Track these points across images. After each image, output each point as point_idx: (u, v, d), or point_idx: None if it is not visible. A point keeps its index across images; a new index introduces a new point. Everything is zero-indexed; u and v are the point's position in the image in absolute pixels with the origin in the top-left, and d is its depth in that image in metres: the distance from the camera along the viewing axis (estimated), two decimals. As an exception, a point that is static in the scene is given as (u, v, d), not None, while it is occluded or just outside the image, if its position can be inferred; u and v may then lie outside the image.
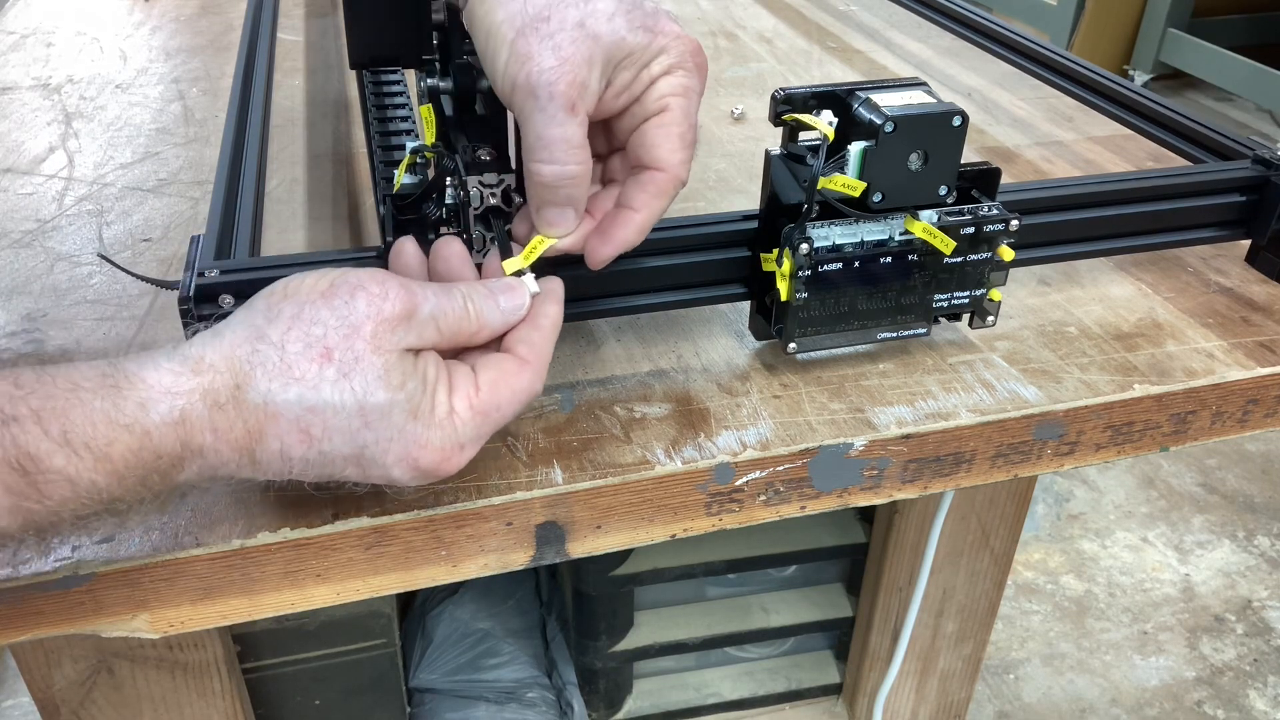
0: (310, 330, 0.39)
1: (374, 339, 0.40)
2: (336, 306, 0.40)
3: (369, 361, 0.39)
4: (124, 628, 0.45)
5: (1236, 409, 0.57)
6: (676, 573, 1.05)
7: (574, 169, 0.44)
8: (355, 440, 0.40)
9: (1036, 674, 1.55)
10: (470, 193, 0.49)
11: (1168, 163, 0.75)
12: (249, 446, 0.39)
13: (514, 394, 0.43)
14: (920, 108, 0.49)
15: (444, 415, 0.41)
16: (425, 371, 0.41)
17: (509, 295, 0.45)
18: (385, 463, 0.40)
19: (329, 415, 0.39)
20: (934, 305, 0.55)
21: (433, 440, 0.41)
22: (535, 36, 0.43)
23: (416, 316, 0.41)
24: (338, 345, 0.39)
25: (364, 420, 0.39)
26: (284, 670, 0.95)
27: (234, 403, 0.38)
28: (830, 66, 0.96)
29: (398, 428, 0.40)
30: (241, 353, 0.39)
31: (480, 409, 0.42)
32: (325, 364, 0.39)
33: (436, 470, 0.41)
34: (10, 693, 1.44)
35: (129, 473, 0.36)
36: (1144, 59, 3.13)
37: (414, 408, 0.40)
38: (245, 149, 0.65)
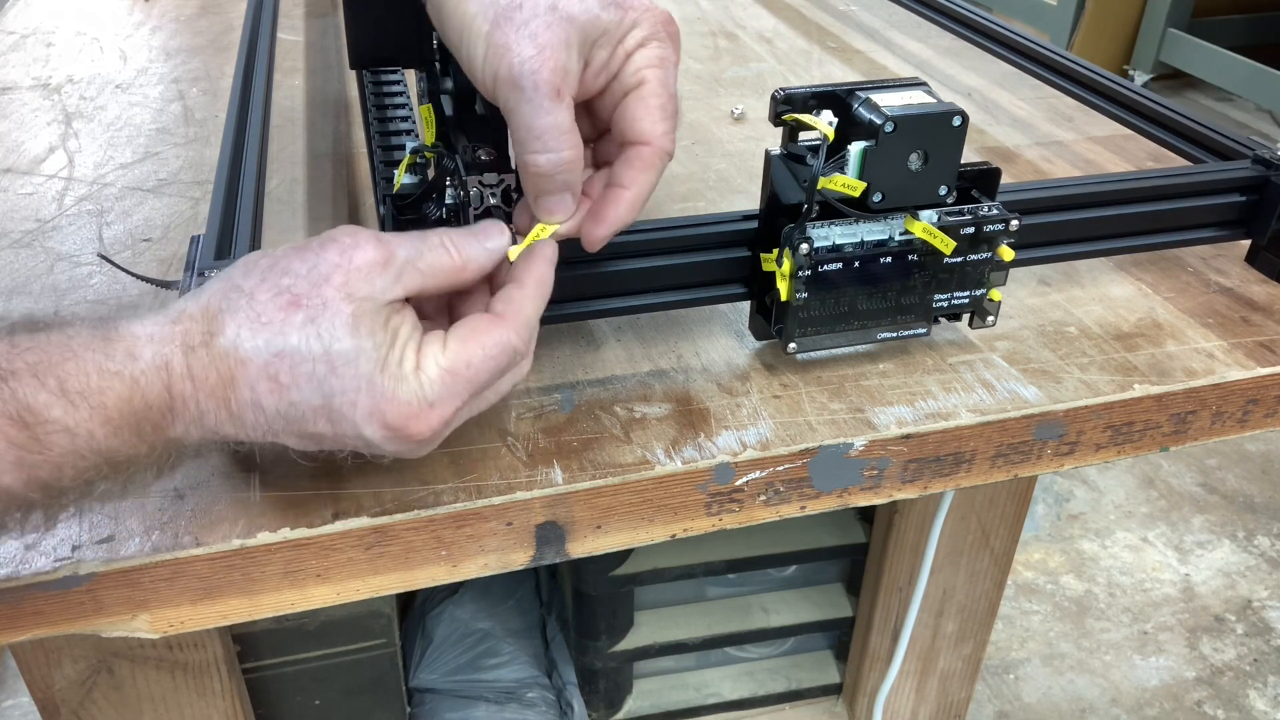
0: (280, 280, 0.40)
1: (344, 287, 0.40)
2: (307, 258, 0.41)
3: (336, 308, 0.40)
4: (124, 628, 0.45)
5: (1236, 409, 0.57)
6: (676, 573, 1.05)
7: (567, 154, 0.44)
8: (323, 388, 0.39)
9: (1036, 674, 1.55)
10: (470, 193, 0.49)
11: (1168, 163, 0.75)
12: (224, 395, 0.39)
13: (484, 350, 0.42)
14: (920, 108, 0.49)
15: (410, 370, 0.41)
16: (398, 328, 0.41)
17: (488, 232, 0.45)
18: (354, 418, 0.40)
19: (296, 361, 0.39)
20: (934, 305, 0.55)
21: (399, 393, 0.40)
22: (510, 26, 0.42)
23: (393, 263, 0.41)
24: (305, 293, 0.40)
25: (330, 366, 0.39)
26: (284, 670, 0.95)
27: (205, 347, 0.39)
28: (830, 66, 0.96)
29: (365, 377, 0.40)
30: (215, 301, 0.40)
31: (448, 366, 0.41)
32: (293, 311, 0.39)
33: (405, 428, 0.41)
34: (10, 693, 1.44)
35: (123, 421, 0.37)
36: (1144, 59, 3.13)
37: (381, 359, 0.40)
38: (245, 149, 0.65)
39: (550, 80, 0.43)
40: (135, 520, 0.45)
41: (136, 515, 0.45)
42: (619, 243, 0.52)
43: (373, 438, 0.41)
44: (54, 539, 0.44)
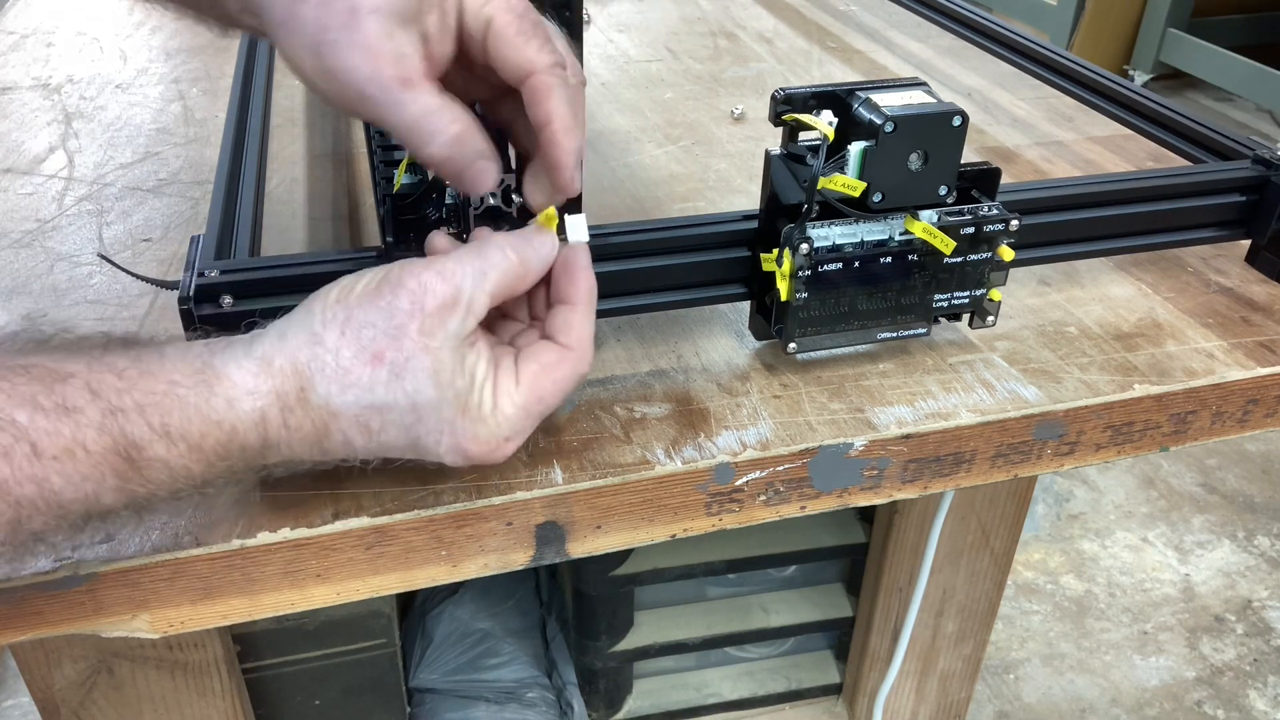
0: (360, 334, 0.41)
1: (421, 336, 0.41)
2: (382, 308, 0.42)
3: (419, 361, 0.41)
4: (124, 628, 0.45)
5: (1236, 409, 0.57)
6: (676, 573, 1.05)
7: (452, 129, 0.43)
8: (409, 433, 0.42)
9: (1036, 674, 1.55)
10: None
11: (1168, 163, 0.75)
12: (317, 440, 0.42)
13: (555, 384, 0.45)
14: (920, 108, 0.49)
15: (489, 411, 0.43)
16: (474, 368, 0.43)
17: (541, 238, 0.46)
18: (438, 452, 0.43)
19: (385, 412, 0.42)
20: (934, 305, 0.55)
21: (479, 434, 0.43)
22: (329, 47, 0.42)
23: (461, 299, 0.42)
24: (387, 348, 0.41)
25: (416, 416, 0.42)
26: (284, 670, 0.95)
27: (301, 405, 0.41)
28: (830, 66, 0.96)
29: (448, 421, 0.42)
30: (302, 357, 0.41)
31: (522, 404, 0.44)
32: (377, 367, 0.41)
33: (484, 460, 0.44)
34: (10, 693, 1.44)
35: (218, 460, 0.40)
36: (1144, 59, 3.13)
37: (462, 404, 0.42)
38: (245, 149, 0.65)
39: (393, 75, 0.42)
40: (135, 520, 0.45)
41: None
42: (619, 243, 0.52)
43: (452, 463, 0.44)
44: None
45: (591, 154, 0.78)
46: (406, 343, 0.41)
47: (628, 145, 0.81)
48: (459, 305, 0.42)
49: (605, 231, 0.53)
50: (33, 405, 0.36)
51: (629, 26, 1.07)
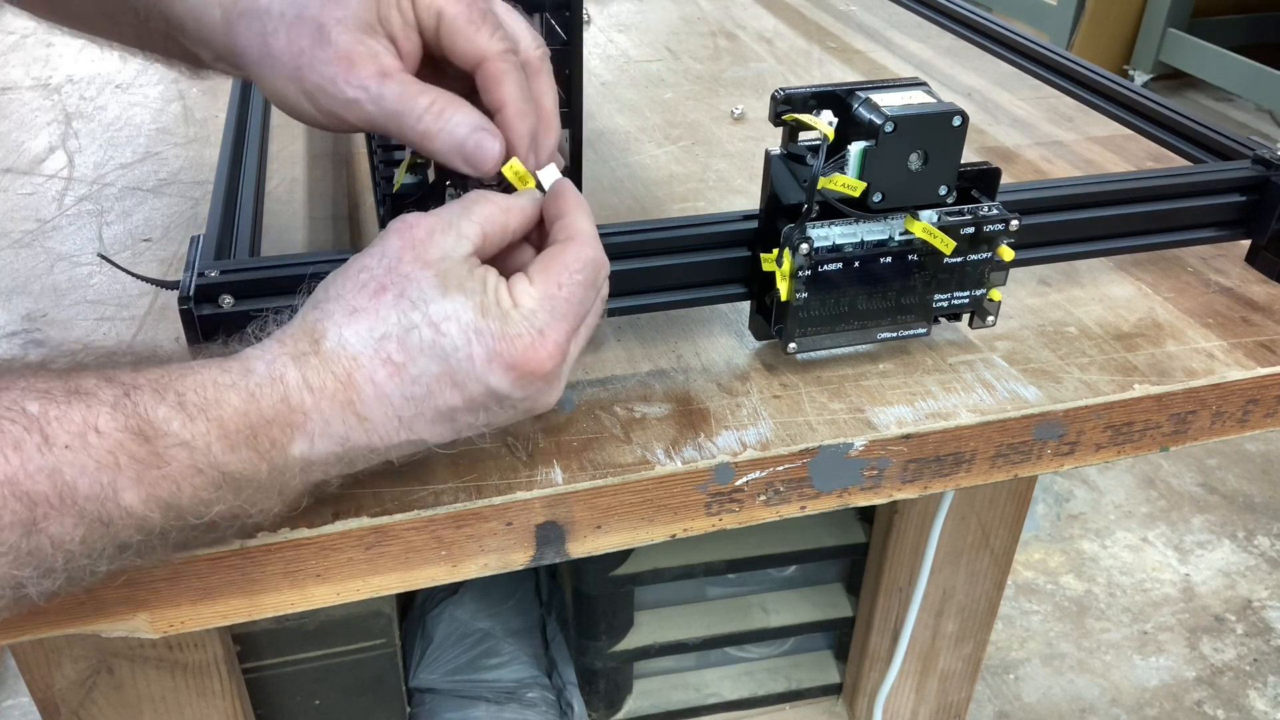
0: (359, 276, 0.41)
1: (418, 258, 0.41)
2: (373, 251, 0.42)
3: (419, 275, 0.41)
4: (124, 628, 0.45)
5: (1236, 409, 0.57)
6: (676, 573, 1.05)
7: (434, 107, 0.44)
8: (437, 352, 0.40)
9: (1036, 674, 1.55)
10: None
11: (1168, 163, 0.75)
12: (346, 398, 0.40)
13: (569, 269, 0.43)
14: (920, 108, 0.49)
15: (509, 308, 0.41)
16: (484, 277, 0.42)
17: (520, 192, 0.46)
18: (475, 370, 0.40)
19: (401, 334, 0.40)
20: (934, 305, 0.55)
21: (509, 330, 0.41)
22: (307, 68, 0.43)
23: (450, 223, 0.42)
24: (386, 278, 0.41)
25: (434, 327, 0.40)
26: (284, 670, 0.95)
27: (315, 354, 0.40)
28: (830, 66, 0.96)
29: (470, 325, 0.40)
30: (309, 316, 0.41)
31: (542, 294, 0.42)
32: (380, 294, 0.41)
33: (529, 362, 0.41)
34: (10, 693, 1.44)
35: (240, 436, 0.38)
36: (1144, 59, 3.13)
37: (479, 305, 0.41)
38: (245, 149, 0.65)
39: (371, 74, 0.43)
40: (135, 520, 0.45)
41: (136, 515, 0.45)
42: (619, 243, 0.52)
43: (500, 385, 0.41)
44: (54, 539, 0.44)
45: (591, 154, 0.78)
46: (404, 267, 0.41)
47: (628, 145, 0.81)
48: (449, 228, 0.42)
49: (605, 231, 0.53)
50: (46, 397, 0.35)
51: (629, 26, 1.07)
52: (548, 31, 0.54)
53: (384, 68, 0.44)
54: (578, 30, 0.54)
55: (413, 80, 0.44)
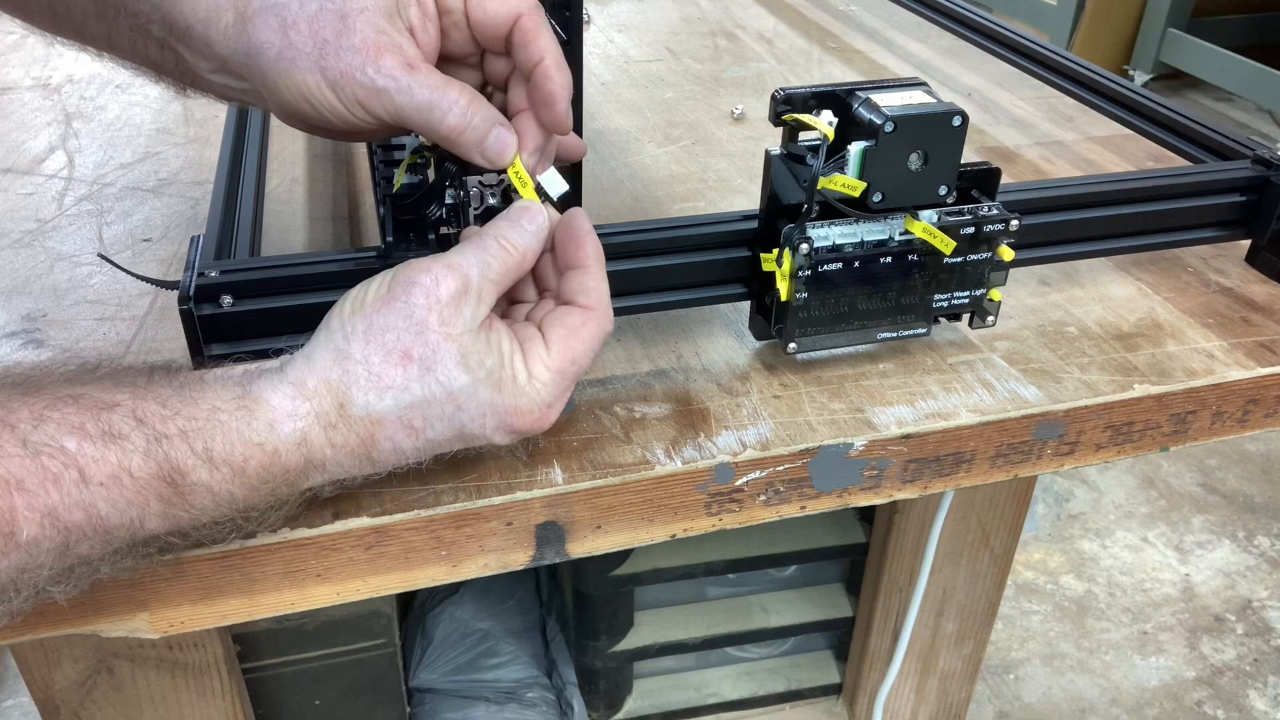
0: (385, 338, 0.42)
1: (443, 327, 0.42)
2: (399, 308, 0.42)
3: (445, 351, 0.42)
4: (124, 628, 0.45)
5: (1236, 409, 0.57)
6: (676, 573, 1.05)
7: (462, 100, 0.44)
8: (454, 423, 0.43)
9: (1036, 674, 1.55)
10: (470, 193, 0.49)
11: (1168, 163, 0.75)
12: (365, 453, 0.42)
13: (585, 345, 0.45)
14: (920, 108, 0.49)
15: (525, 382, 0.44)
16: (500, 346, 0.44)
17: (528, 216, 0.46)
18: (485, 434, 0.44)
19: (426, 408, 0.42)
20: (934, 305, 0.55)
21: (521, 406, 0.44)
22: (332, 56, 0.43)
23: (471, 287, 0.43)
24: (413, 344, 0.42)
25: (455, 404, 0.43)
26: (284, 670, 0.95)
27: (343, 420, 0.41)
28: (830, 66, 0.96)
29: (487, 402, 0.43)
30: (334, 375, 0.42)
31: (556, 369, 0.45)
32: (408, 365, 0.42)
33: (532, 430, 0.45)
34: (10, 693, 1.44)
35: (260, 485, 0.40)
36: (1144, 59, 3.13)
37: (496, 381, 0.43)
38: (245, 149, 0.65)
39: (396, 64, 0.43)
40: (135, 520, 0.45)
41: (136, 515, 0.45)
42: (619, 243, 0.52)
43: (501, 442, 0.45)
44: (54, 539, 0.44)
45: (591, 154, 0.78)
46: (430, 335, 0.42)
47: (628, 145, 0.81)
48: (469, 292, 0.43)
49: (605, 231, 0.53)
50: (81, 433, 0.37)
51: (629, 26, 1.07)
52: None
53: (409, 59, 0.44)
54: (578, 30, 0.54)
55: (439, 73, 0.45)
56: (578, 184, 0.59)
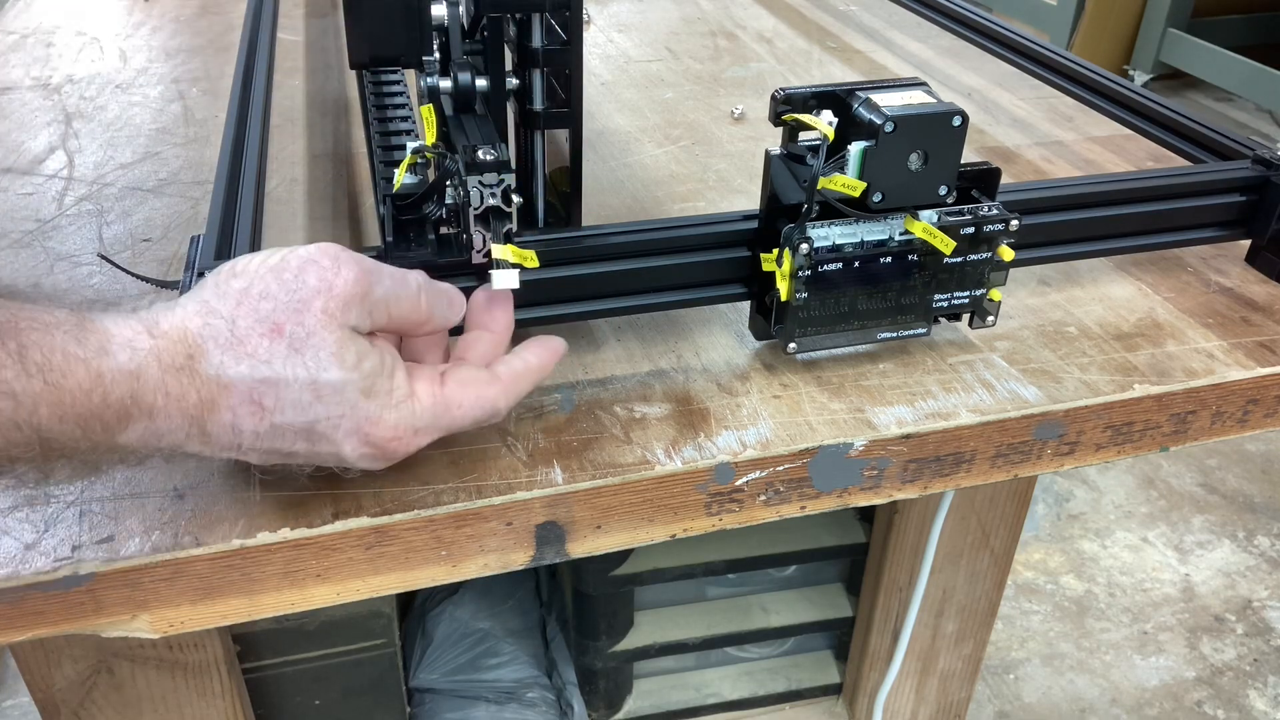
0: (259, 305, 0.39)
1: (325, 314, 0.40)
2: (286, 281, 0.40)
3: (320, 337, 0.39)
4: (124, 628, 0.45)
5: (1236, 409, 0.57)
6: (676, 573, 1.05)
7: None
8: (307, 414, 0.40)
9: (1036, 674, 1.55)
10: (470, 193, 0.49)
11: (1168, 163, 0.75)
12: (200, 416, 0.39)
13: (478, 400, 0.44)
14: (920, 108, 0.49)
15: (403, 397, 0.42)
16: (383, 354, 0.42)
17: (457, 304, 0.46)
18: (336, 438, 0.41)
19: (281, 388, 0.39)
20: (934, 305, 0.55)
21: (386, 418, 0.41)
22: None
23: (370, 297, 0.41)
24: (288, 320, 0.39)
25: (316, 394, 0.40)
26: (284, 670, 0.95)
27: (188, 371, 0.38)
28: (830, 66, 0.96)
29: (350, 404, 0.40)
30: (193, 325, 0.39)
31: (442, 399, 0.43)
32: (276, 339, 0.39)
33: (386, 447, 0.42)
34: (10, 693, 1.44)
35: (74, 412, 0.36)
36: (1144, 59, 3.13)
37: (369, 387, 0.41)
38: (245, 149, 0.65)
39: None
40: (135, 520, 0.45)
41: (136, 515, 0.45)
42: (619, 243, 0.52)
43: (350, 455, 0.42)
44: (54, 539, 0.44)
45: (591, 154, 0.78)
46: (309, 318, 0.39)
47: (628, 145, 0.81)
48: (366, 300, 0.41)
49: (605, 231, 0.53)
50: None
51: (629, 26, 1.07)
52: (548, 31, 0.54)
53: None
54: (578, 30, 0.54)
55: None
56: (577, 184, 0.59)
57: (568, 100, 0.56)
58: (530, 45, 0.54)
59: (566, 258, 0.52)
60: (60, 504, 0.45)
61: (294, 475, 0.47)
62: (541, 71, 0.56)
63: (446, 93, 0.56)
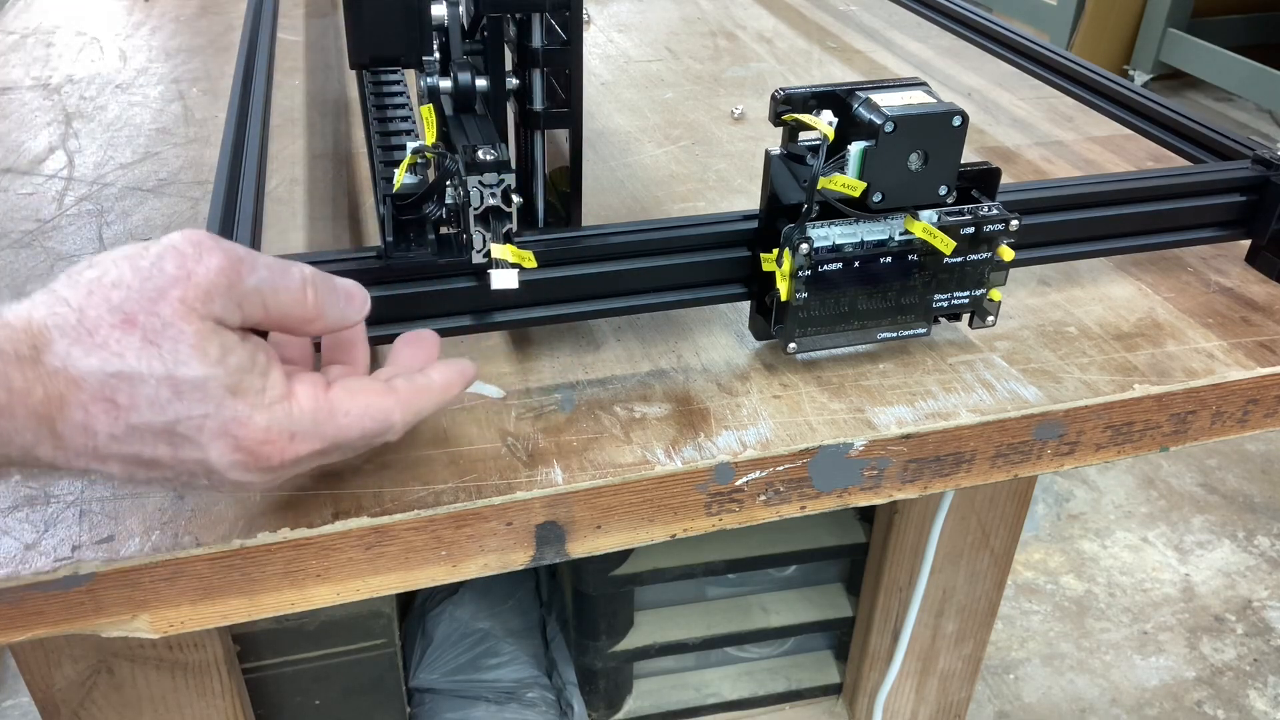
0: (110, 294, 0.36)
1: (182, 304, 0.36)
2: (141, 269, 0.37)
3: (178, 328, 0.36)
4: (124, 628, 0.45)
5: (1236, 409, 0.57)
6: (676, 573, 1.05)
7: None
8: (166, 412, 0.36)
9: (1036, 674, 1.55)
10: (470, 193, 0.49)
11: (1168, 163, 0.75)
12: (49, 415, 0.35)
13: (367, 409, 0.40)
14: (920, 108, 0.49)
15: (277, 397, 0.38)
16: (255, 351, 0.38)
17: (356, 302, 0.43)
18: (201, 440, 0.37)
19: (136, 384, 0.36)
20: (934, 305, 0.55)
21: (257, 419, 0.37)
22: None
23: (239, 287, 0.38)
24: (141, 310, 0.36)
25: (174, 391, 0.36)
26: (284, 670, 0.95)
27: (32, 363, 0.35)
28: (830, 66, 0.96)
29: (215, 402, 0.37)
30: (39, 314, 0.36)
31: (327, 406, 0.39)
32: (129, 330, 0.36)
33: (258, 452, 0.38)
34: (10, 693, 1.44)
35: None
36: (1144, 59, 3.13)
37: (235, 385, 0.37)
38: (245, 149, 0.65)
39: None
40: (135, 520, 0.45)
41: (136, 515, 0.45)
42: (619, 243, 0.52)
43: (219, 462, 0.38)
44: (54, 539, 0.44)
45: (591, 154, 0.78)
46: (164, 308, 0.36)
47: (628, 145, 0.81)
48: (233, 290, 0.37)
49: (605, 231, 0.53)
50: None
51: (629, 26, 1.07)
52: (548, 31, 0.54)
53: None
54: (578, 30, 0.54)
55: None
56: (577, 184, 0.59)
57: (568, 100, 0.56)
58: (530, 45, 0.54)
59: (566, 258, 0.52)
60: (60, 504, 0.45)
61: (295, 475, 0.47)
62: (541, 71, 0.56)
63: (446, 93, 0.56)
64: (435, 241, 0.51)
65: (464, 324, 0.52)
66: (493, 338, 0.57)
